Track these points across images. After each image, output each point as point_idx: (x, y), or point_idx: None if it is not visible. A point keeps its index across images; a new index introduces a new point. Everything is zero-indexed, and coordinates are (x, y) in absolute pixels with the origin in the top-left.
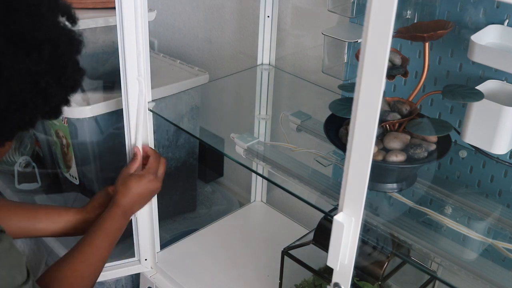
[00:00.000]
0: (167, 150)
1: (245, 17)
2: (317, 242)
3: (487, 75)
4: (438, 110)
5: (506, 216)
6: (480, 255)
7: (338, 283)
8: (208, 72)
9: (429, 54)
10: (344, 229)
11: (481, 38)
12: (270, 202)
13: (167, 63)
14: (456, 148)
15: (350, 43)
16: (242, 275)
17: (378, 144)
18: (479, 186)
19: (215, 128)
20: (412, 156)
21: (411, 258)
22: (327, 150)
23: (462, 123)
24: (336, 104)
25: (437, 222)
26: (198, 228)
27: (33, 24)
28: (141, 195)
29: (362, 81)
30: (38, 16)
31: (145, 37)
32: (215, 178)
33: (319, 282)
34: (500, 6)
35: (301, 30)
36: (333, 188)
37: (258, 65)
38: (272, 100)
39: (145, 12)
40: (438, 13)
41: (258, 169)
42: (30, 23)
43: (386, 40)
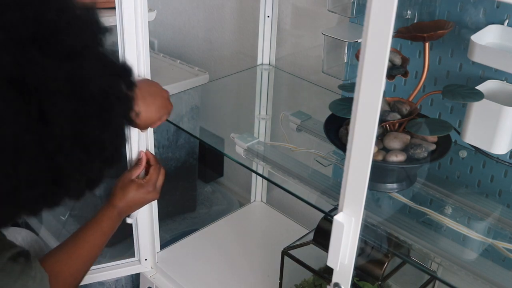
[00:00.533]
0: (167, 150)
1: (245, 17)
2: (317, 242)
3: (487, 75)
4: (438, 110)
5: (506, 216)
6: (480, 255)
7: (338, 283)
8: (208, 72)
9: (429, 54)
10: (344, 229)
11: (481, 38)
12: (270, 202)
13: (167, 63)
14: (456, 148)
15: (350, 43)
16: (242, 275)
17: (378, 144)
18: (479, 186)
19: (215, 128)
20: (412, 156)
21: (411, 258)
22: (327, 150)
23: (462, 123)
24: (336, 104)
25: (437, 222)
26: (198, 228)
27: (103, 126)
28: (137, 203)
29: (362, 81)
30: (110, 115)
31: (145, 37)
32: (215, 178)
33: (319, 282)
34: (500, 6)
35: (301, 30)
36: (333, 188)
37: (258, 65)
38: (272, 100)
39: (145, 12)
40: (438, 13)
41: (258, 169)
42: (100, 125)
43: (386, 40)
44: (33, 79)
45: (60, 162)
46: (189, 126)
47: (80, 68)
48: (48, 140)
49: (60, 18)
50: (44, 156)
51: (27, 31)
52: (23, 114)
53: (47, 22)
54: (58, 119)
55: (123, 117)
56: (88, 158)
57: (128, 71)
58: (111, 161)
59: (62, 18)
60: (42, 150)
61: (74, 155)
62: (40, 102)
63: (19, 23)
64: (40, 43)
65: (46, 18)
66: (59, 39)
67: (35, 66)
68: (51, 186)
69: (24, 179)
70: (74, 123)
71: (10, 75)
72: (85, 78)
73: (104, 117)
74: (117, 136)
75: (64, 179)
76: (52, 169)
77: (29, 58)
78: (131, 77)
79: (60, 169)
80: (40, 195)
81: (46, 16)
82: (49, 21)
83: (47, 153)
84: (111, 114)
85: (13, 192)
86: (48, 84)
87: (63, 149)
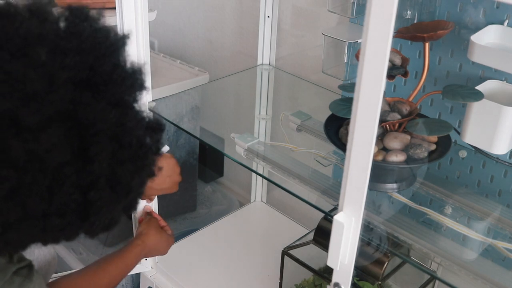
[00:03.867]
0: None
1: (245, 17)
2: (317, 242)
3: (487, 75)
4: (438, 110)
5: (506, 216)
6: (480, 255)
7: (338, 283)
8: (208, 72)
9: (429, 54)
10: (344, 229)
11: (481, 38)
12: (270, 202)
13: (167, 63)
14: (456, 148)
15: (350, 43)
16: (242, 275)
17: (378, 144)
18: (479, 186)
19: (215, 128)
20: (412, 156)
21: (411, 258)
22: (327, 150)
23: (462, 123)
24: (336, 104)
25: (437, 222)
26: (198, 228)
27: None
28: (159, 250)
29: (362, 81)
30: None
31: (146, 37)
32: (215, 178)
33: (319, 282)
34: (500, 6)
35: (301, 30)
36: (333, 188)
37: (258, 65)
38: (272, 100)
39: (146, 12)
40: (438, 13)
41: (258, 169)
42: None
43: (386, 40)
44: (85, 118)
45: (92, 198)
46: (189, 126)
47: (125, 116)
48: (87, 175)
49: (114, 71)
50: (79, 189)
51: (83, 75)
52: (70, 147)
53: (103, 72)
54: (99, 157)
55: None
56: (116, 199)
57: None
58: (129, 207)
59: (116, 71)
60: (79, 183)
61: (106, 194)
62: (86, 140)
63: (78, 66)
64: (93, 89)
65: (102, 68)
66: (110, 88)
67: (88, 106)
68: (77, 219)
69: (56, 207)
70: (112, 164)
71: (66, 110)
72: (128, 126)
73: (138, 164)
74: (142, 185)
75: (91, 215)
76: (83, 203)
77: (84, 99)
78: (161, 134)
79: (90, 205)
80: (66, 225)
81: (102, 66)
82: (104, 71)
83: (83, 187)
84: (143, 162)
85: (43, 217)
86: (97, 124)
87: (97, 186)
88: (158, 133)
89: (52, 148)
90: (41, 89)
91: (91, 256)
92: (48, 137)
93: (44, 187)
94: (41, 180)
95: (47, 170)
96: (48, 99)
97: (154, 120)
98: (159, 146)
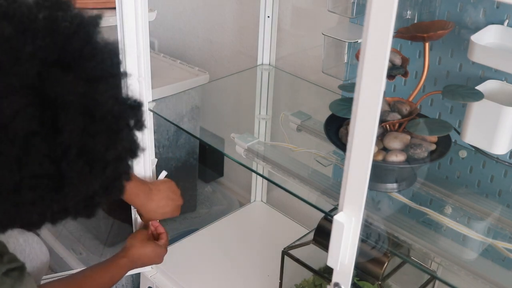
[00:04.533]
0: (167, 150)
1: (245, 17)
2: (317, 242)
3: (487, 75)
4: (438, 110)
5: (506, 216)
6: (480, 255)
7: (338, 283)
8: (208, 72)
9: (429, 54)
10: (344, 229)
11: (481, 38)
12: (270, 202)
13: (167, 63)
14: (456, 148)
15: (350, 43)
16: (242, 275)
17: (378, 144)
18: (479, 186)
19: (215, 128)
20: (412, 156)
21: (411, 258)
22: (327, 150)
23: (462, 123)
24: (336, 104)
25: (437, 222)
26: (198, 228)
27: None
28: (148, 261)
29: (362, 81)
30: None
31: (146, 37)
32: (215, 178)
33: (319, 282)
34: (500, 6)
35: (301, 30)
36: (333, 188)
37: (258, 65)
38: (272, 100)
39: (146, 12)
40: (438, 13)
41: (258, 169)
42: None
43: (386, 40)
44: (52, 91)
45: (63, 169)
46: (189, 126)
47: (96, 90)
48: (56, 146)
49: (84, 47)
50: (49, 161)
51: (53, 55)
52: (38, 119)
53: (73, 50)
54: (68, 129)
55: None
56: (90, 172)
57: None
58: (112, 189)
59: (86, 47)
60: (49, 154)
61: (78, 165)
62: (55, 112)
63: (48, 47)
64: (64, 66)
65: (73, 46)
66: (81, 65)
67: (55, 81)
68: (51, 192)
69: (27, 179)
70: (83, 136)
71: (32, 84)
72: (98, 99)
73: (110, 137)
74: (121, 162)
75: (64, 187)
76: (55, 176)
77: (52, 74)
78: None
79: (62, 176)
80: (38, 199)
81: (72, 44)
82: (74, 49)
83: (53, 158)
84: (117, 136)
85: (14, 191)
86: (65, 97)
87: (68, 157)
88: (136, 109)
89: (15, 116)
90: (5, 61)
91: (91, 256)
92: (10, 104)
93: (12, 157)
94: (8, 150)
95: (14, 140)
96: (13, 72)
97: (132, 98)
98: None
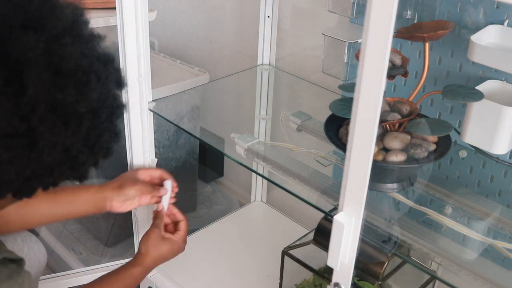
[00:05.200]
0: (167, 150)
1: (245, 17)
2: (317, 242)
3: (487, 75)
4: (438, 110)
5: (506, 216)
6: (480, 255)
7: (338, 283)
8: (208, 72)
9: (429, 54)
10: (344, 229)
11: (481, 38)
12: (270, 202)
13: (167, 63)
14: (456, 148)
15: (350, 43)
16: (242, 275)
17: (378, 144)
18: (479, 186)
19: (215, 128)
20: (412, 156)
21: (411, 258)
22: (327, 150)
23: (462, 123)
24: (336, 104)
25: (437, 222)
26: (198, 228)
27: (78, 96)
28: (168, 257)
29: (362, 81)
30: (86, 88)
31: (146, 37)
32: (215, 178)
33: (319, 282)
34: (500, 6)
35: (301, 30)
36: (333, 188)
37: (258, 65)
38: (272, 100)
39: (146, 12)
40: (438, 13)
41: (258, 169)
42: (76, 94)
43: (386, 40)
44: (14, 51)
45: (34, 125)
46: (190, 126)
47: (58, 45)
48: (24, 104)
49: (44, 5)
50: (18, 118)
51: (16, 20)
52: (2, 79)
53: (33, 11)
54: (33, 85)
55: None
56: (65, 126)
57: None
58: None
59: (45, 7)
60: (17, 112)
61: (48, 120)
62: (19, 72)
63: (8, 12)
64: (26, 28)
65: (32, 7)
66: (41, 23)
67: (17, 41)
68: (26, 150)
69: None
70: (50, 91)
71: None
72: (62, 53)
73: (80, 89)
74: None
75: (38, 143)
76: (28, 133)
77: (13, 36)
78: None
79: (34, 131)
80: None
81: (32, 5)
82: (34, 10)
83: (22, 115)
84: (87, 87)
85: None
86: (27, 54)
87: (37, 111)
88: (107, 63)
89: None
90: None
91: (91, 256)
92: None
93: None
94: None
95: None
96: None
97: (104, 52)
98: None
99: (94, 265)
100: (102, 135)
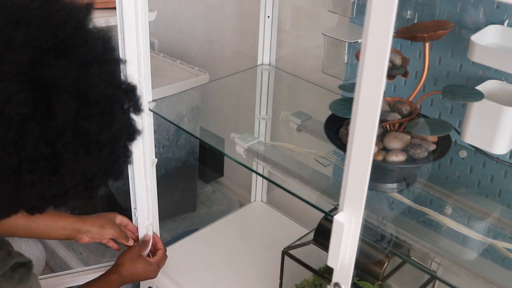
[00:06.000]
0: (167, 150)
1: (245, 17)
2: (317, 242)
3: (487, 75)
4: (438, 110)
5: (506, 216)
6: (480, 255)
7: (339, 283)
8: (208, 72)
9: (429, 54)
10: (344, 229)
11: (481, 38)
12: (270, 202)
13: (167, 63)
14: (456, 148)
15: (350, 43)
16: (242, 275)
17: (378, 144)
18: (479, 186)
19: (215, 128)
20: (412, 156)
21: (411, 258)
22: (327, 150)
23: (462, 123)
24: (336, 104)
25: (437, 222)
26: (198, 228)
27: (102, 125)
28: (139, 277)
29: (362, 81)
30: (110, 118)
31: (146, 37)
32: (215, 178)
33: (319, 282)
34: (500, 6)
35: (301, 30)
36: (333, 188)
37: (258, 65)
38: (272, 100)
39: (146, 12)
40: (438, 13)
41: (258, 169)
42: (100, 123)
43: (386, 40)
44: (45, 77)
45: (59, 151)
46: (190, 126)
47: (87, 73)
48: (51, 130)
49: (76, 32)
50: (45, 143)
51: (46, 43)
52: (31, 103)
53: (65, 37)
54: (61, 112)
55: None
56: (86, 154)
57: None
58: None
59: (77, 33)
60: (44, 137)
61: (73, 147)
62: (49, 97)
63: (41, 35)
64: (56, 53)
65: (64, 33)
66: (72, 51)
67: (48, 67)
68: (49, 174)
69: (25, 162)
70: (76, 119)
71: (25, 71)
72: (91, 83)
73: (104, 119)
74: (117, 145)
75: (61, 169)
76: (52, 158)
77: (44, 60)
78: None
79: (59, 158)
80: (38, 181)
81: (64, 31)
82: (66, 36)
83: (48, 141)
84: (110, 118)
85: (14, 173)
86: (57, 82)
87: (63, 139)
88: (130, 92)
89: (9, 101)
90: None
91: (91, 256)
92: (3, 89)
93: (9, 141)
94: (4, 134)
95: (10, 125)
96: (5, 59)
97: (126, 81)
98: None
99: (94, 265)
100: (117, 160)
